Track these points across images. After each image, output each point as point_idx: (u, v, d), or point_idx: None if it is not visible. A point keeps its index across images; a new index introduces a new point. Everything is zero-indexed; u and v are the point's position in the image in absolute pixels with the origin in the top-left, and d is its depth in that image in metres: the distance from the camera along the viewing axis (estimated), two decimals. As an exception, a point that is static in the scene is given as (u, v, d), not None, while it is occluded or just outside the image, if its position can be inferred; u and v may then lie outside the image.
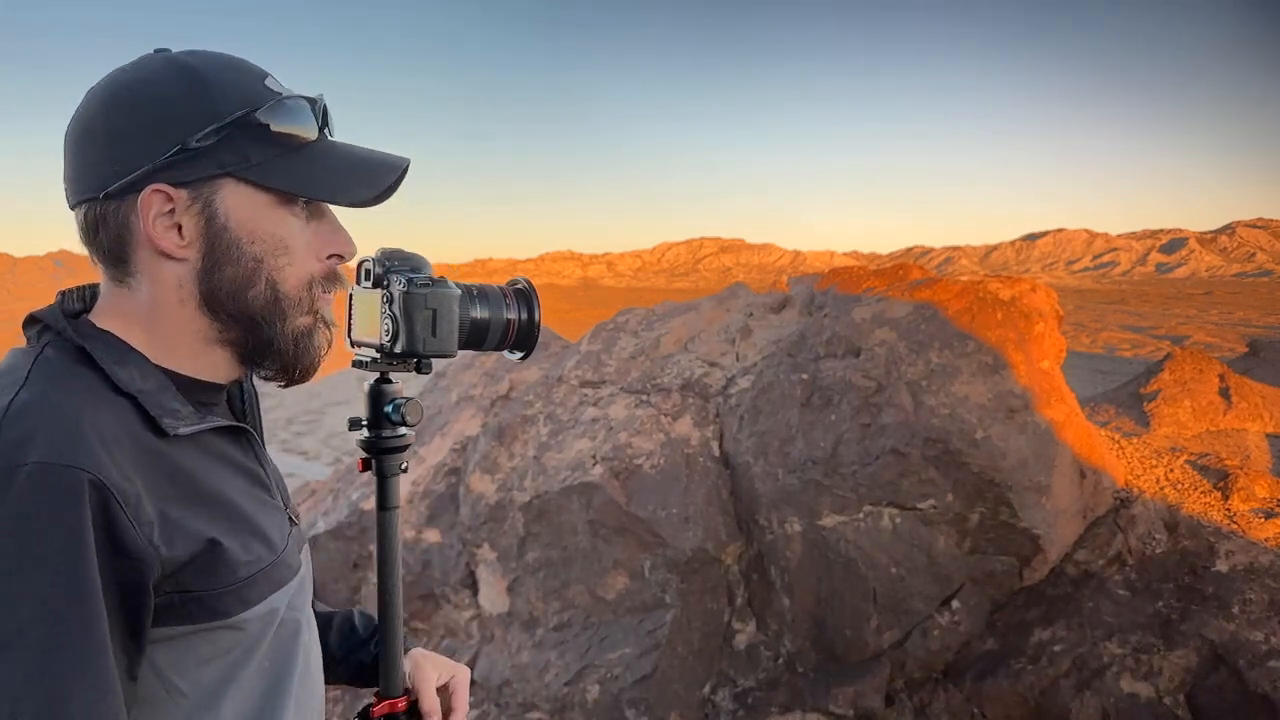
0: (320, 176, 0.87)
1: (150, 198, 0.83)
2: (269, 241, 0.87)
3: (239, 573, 0.81)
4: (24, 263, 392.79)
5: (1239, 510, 4.68)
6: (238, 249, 0.85)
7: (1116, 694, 3.82)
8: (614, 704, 4.32)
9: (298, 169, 0.86)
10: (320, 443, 31.36)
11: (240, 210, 0.85)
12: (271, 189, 0.86)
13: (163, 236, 0.84)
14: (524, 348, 1.07)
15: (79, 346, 0.82)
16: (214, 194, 0.84)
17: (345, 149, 0.91)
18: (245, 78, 0.86)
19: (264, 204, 0.86)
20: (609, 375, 5.90)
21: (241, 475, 0.89)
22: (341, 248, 0.93)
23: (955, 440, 4.34)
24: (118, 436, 0.76)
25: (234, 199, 0.85)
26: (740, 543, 4.86)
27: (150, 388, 0.82)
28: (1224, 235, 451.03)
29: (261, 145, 0.85)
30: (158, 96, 0.83)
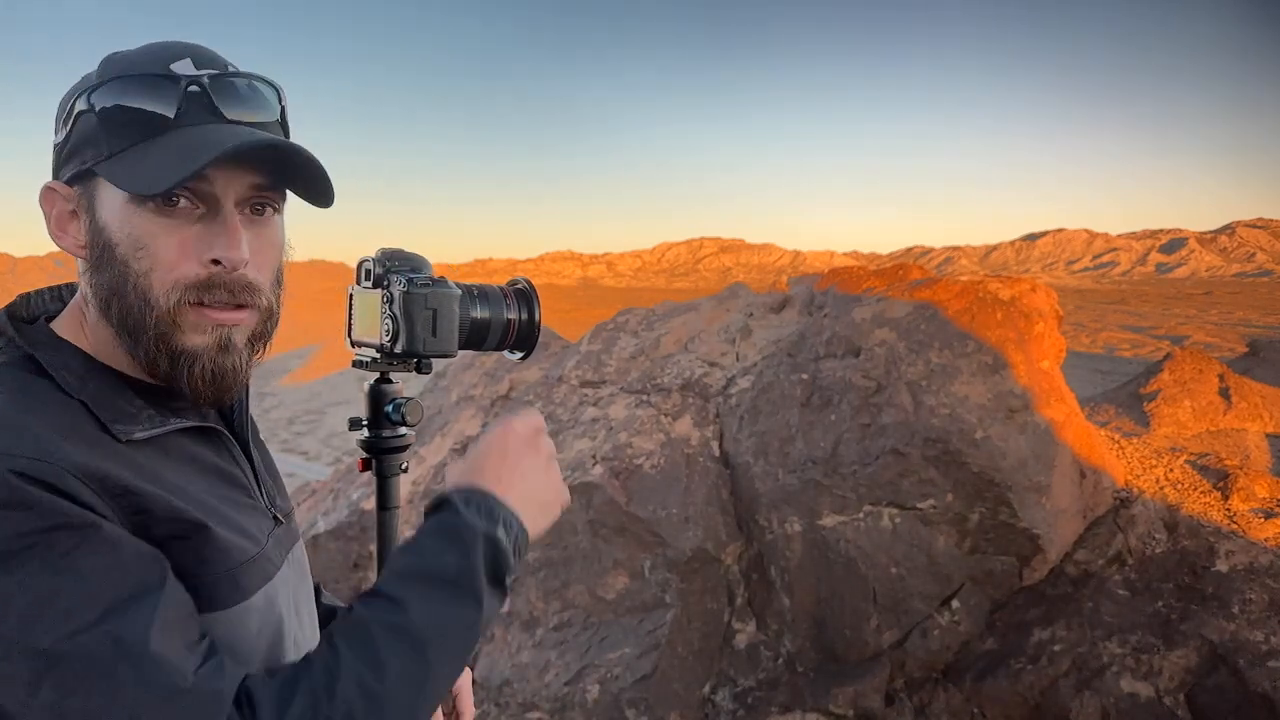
0: (150, 167, 0.75)
1: (46, 195, 0.81)
2: (128, 244, 0.78)
3: (235, 557, 0.79)
4: (24, 263, 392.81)
5: (1239, 510, 4.68)
6: (109, 251, 0.78)
7: (1116, 694, 3.82)
8: (614, 704, 4.33)
9: (139, 160, 0.76)
10: (320, 443, 31.41)
11: (108, 209, 0.78)
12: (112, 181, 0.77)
13: (63, 235, 0.81)
14: (524, 348, 1.07)
15: (28, 355, 0.79)
16: (94, 190, 0.79)
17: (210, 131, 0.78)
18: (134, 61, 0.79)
19: (123, 200, 0.77)
20: (609, 375, 5.90)
21: (214, 477, 0.85)
22: (221, 250, 0.78)
23: (955, 440, 4.34)
24: (79, 436, 0.73)
25: (104, 194, 0.78)
26: (740, 543, 4.86)
27: (101, 392, 0.78)
28: (1224, 235, 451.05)
29: (116, 133, 0.77)
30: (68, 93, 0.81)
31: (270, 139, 0.79)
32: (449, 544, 0.77)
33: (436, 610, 0.74)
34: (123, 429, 0.76)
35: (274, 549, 0.89)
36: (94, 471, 0.70)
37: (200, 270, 0.79)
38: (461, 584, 0.76)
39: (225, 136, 0.77)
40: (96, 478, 0.70)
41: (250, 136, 0.78)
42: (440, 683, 0.74)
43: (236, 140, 0.76)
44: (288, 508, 0.99)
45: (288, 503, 1.00)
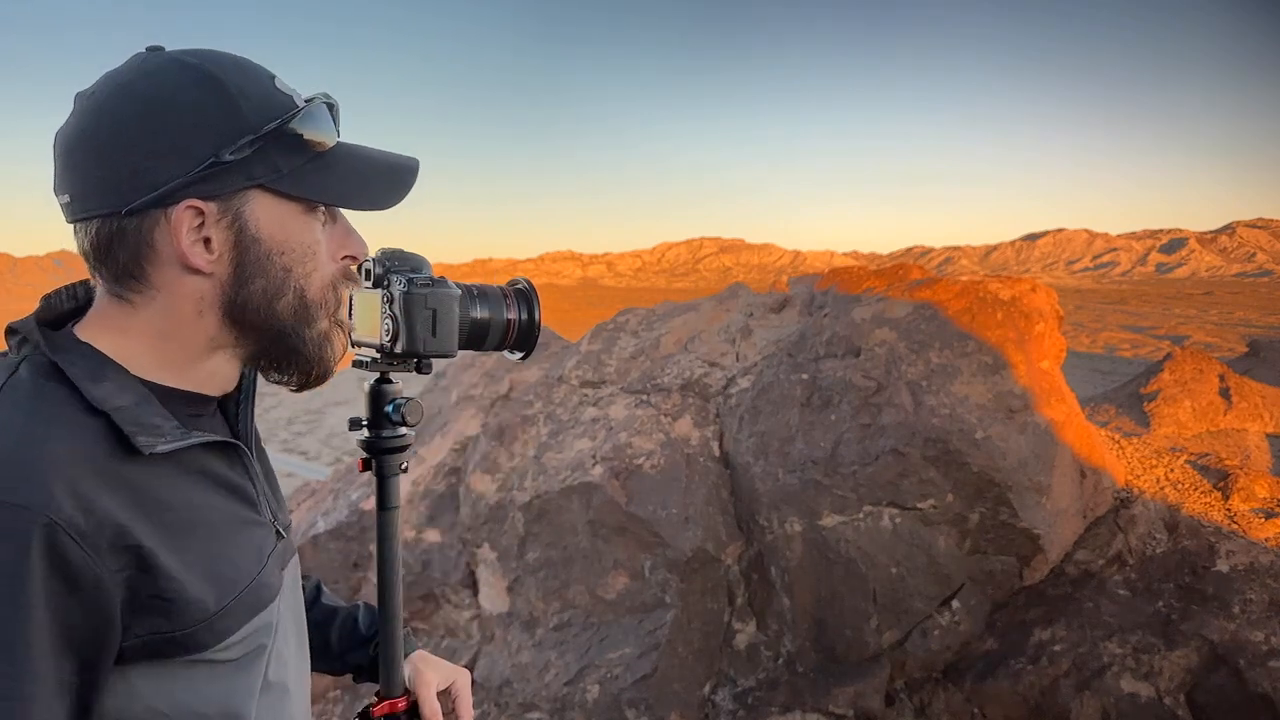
0: (346, 182, 0.88)
1: (184, 214, 0.80)
2: (298, 250, 0.87)
3: (209, 608, 0.79)
4: (24, 263, 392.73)
5: (1239, 510, 4.68)
6: (268, 260, 0.85)
7: (1116, 694, 3.82)
8: (614, 704, 4.32)
9: (323, 176, 0.86)
10: (320, 443, 31.41)
11: (270, 221, 0.85)
12: (300, 198, 0.86)
13: (194, 252, 0.81)
14: (524, 348, 1.07)
15: (53, 362, 0.79)
16: (243, 205, 0.83)
17: (362, 152, 0.91)
18: (262, 83, 0.85)
19: (292, 213, 0.86)
20: (609, 375, 5.90)
21: (224, 492, 0.87)
22: (355, 249, 0.94)
23: (955, 440, 4.34)
24: (84, 463, 0.73)
25: (264, 210, 0.84)
26: (740, 543, 4.86)
27: (127, 403, 0.78)
28: (1224, 235, 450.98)
29: (290, 154, 0.84)
30: (182, 108, 0.80)
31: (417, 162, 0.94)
32: None
33: None
34: (146, 441, 0.76)
35: (273, 567, 0.90)
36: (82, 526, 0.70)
37: (338, 266, 0.93)
38: None
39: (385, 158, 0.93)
40: (84, 532, 0.70)
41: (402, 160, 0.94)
42: None
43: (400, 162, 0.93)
44: (287, 520, 0.99)
45: (286, 514, 1.00)
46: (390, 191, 0.90)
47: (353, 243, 0.94)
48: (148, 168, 0.79)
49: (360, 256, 0.95)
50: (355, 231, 0.95)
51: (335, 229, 0.92)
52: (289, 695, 0.93)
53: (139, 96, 0.80)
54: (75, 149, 0.81)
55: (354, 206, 0.89)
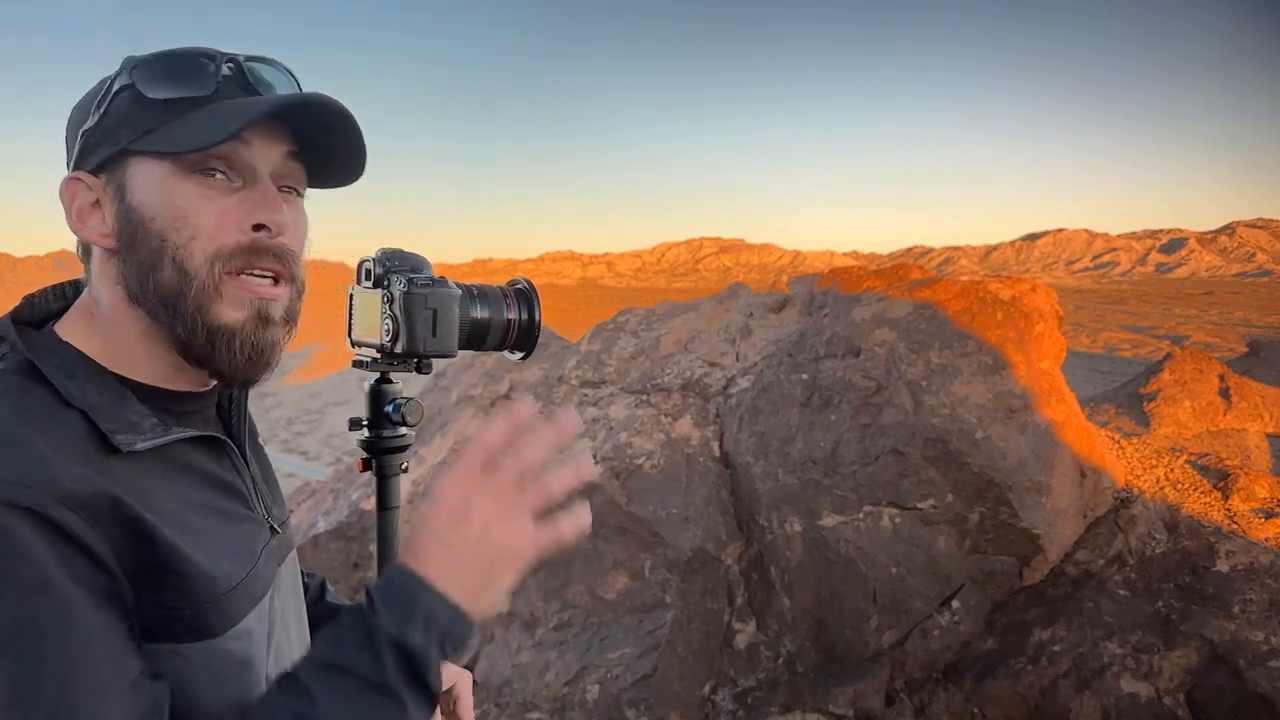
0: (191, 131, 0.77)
1: (68, 186, 0.81)
2: (167, 215, 0.79)
3: (216, 588, 0.78)
4: (24, 263, 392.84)
5: (1239, 510, 4.68)
6: (144, 228, 0.79)
7: (1116, 694, 3.82)
8: (614, 704, 4.32)
9: (180, 129, 0.78)
10: (320, 443, 31.40)
11: (144, 186, 0.79)
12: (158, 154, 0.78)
13: (86, 226, 0.81)
14: (524, 348, 1.07)
15: (30, 361, 0.77)
16: (124, 173, 0.80)
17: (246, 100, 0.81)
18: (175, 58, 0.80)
19: (162, 174, 0.79)
20: (609, 375, 5.90)
21: (212, 488, 0.85)
22: (263, 214, 0.81)
23: (955, 440, 4.34)
24: (72, 454, 0.72)
25: (139, 175, 0.79)
26: (740, 543, 4.86)
27: (104, 401, 0.76)
28: (1224, 235, 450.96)
29: (149, 111, 0.78)
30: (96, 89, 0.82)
31: (310, 93, 0.82)
32: (364, 640, 0.72)
33: (346, 707, 0.70)
34: (124, 439, 0.75)
35: (266, 563, 0.89)
36: (82, 496, 0.69)
37: (242, 237, 0.80)
38: (375, 683, 0.71)
39: (261, 100, 0.80)
40: (84, 502, 0.69)
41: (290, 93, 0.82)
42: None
43: (277, 98, 0.80)
44: (284, 516, 0.98)
45: (284, 510, 0.99)
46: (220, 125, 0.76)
47: (263, 207, 0.81)
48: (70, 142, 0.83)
49: (271, 225, 0.82)
50: (272, 196, 0.82)
51: (250, 194, 0.81)
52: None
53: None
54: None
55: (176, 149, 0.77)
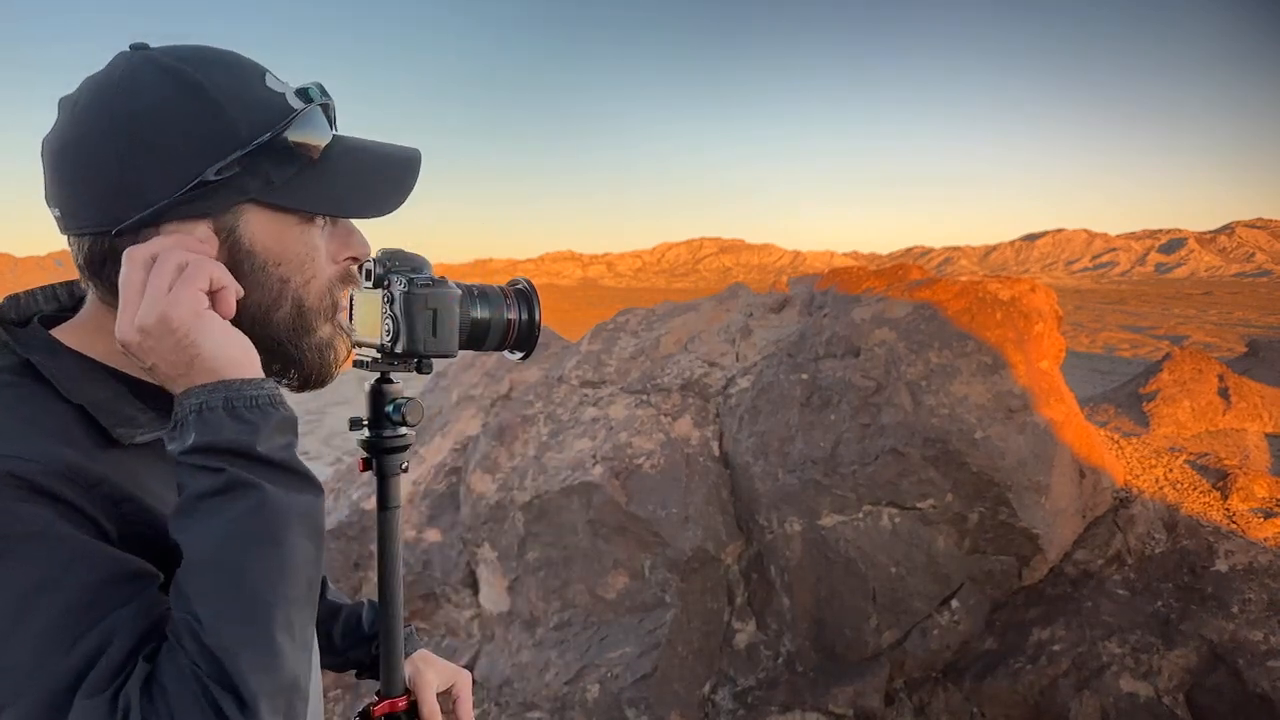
0: (343, 188, 0.84)
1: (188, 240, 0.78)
2: (294, 261, 0.84)
3: None
4: (25, 263, 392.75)
5: (1238, 510, 4.69)
6: (264, 273, 0.82)
7: (1116, 693, 3.82)
8: (614, 703, 4.33)
9: (319, 183, 0.82)
10: (321, 443, 31.34)
11: (265, 234, 0.82)
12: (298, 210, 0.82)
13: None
14: (524, 348, 1.07)
15: (25, 359, 0.77)
16: (236, 221, 0.80)
17: (359, 150, 0.87)
18: (250, 86, 0.80)
19: (288, 223, 0.83)
20: (609, 375, 5.90)
21: None
22: (358, 250, 0.92)
23: (955, 440, 4.34)
24: (71, 442, 0.72)
25: (258, 223, 0.81)
26: (740, 542, 4.86)
27: (102, 397, 0.77)
28: (1223, 235, 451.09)
29: (282, 164, 0.80)
30: (165, 121, 0.76)
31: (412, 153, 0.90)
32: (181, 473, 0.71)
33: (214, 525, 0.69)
34: (124, 432, 0.76)
35: None
36: (89, 474, 0.70)
37: (337, 270, 0.90)
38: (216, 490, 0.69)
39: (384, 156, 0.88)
40: (91, 481, 0.70)
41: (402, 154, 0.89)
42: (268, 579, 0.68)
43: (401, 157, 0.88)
44: None
45: None
46: (392, 194, 0.86)
47: (355, 243, 0.91)
48: (134, 186, 0.75)
49: (363, 257, 0.92)
50: (358, 231, 0.92)
51: (337, 230, 0.90)
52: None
53: (122, 108, 0.76)
54: (62, 162, 0.78)
55: (353, 215, 0.86)
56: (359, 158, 0.87)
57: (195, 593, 0.67)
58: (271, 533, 0.69)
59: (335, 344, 0.92)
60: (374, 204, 0.86)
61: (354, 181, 0.85)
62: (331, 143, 0.84)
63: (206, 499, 0.69)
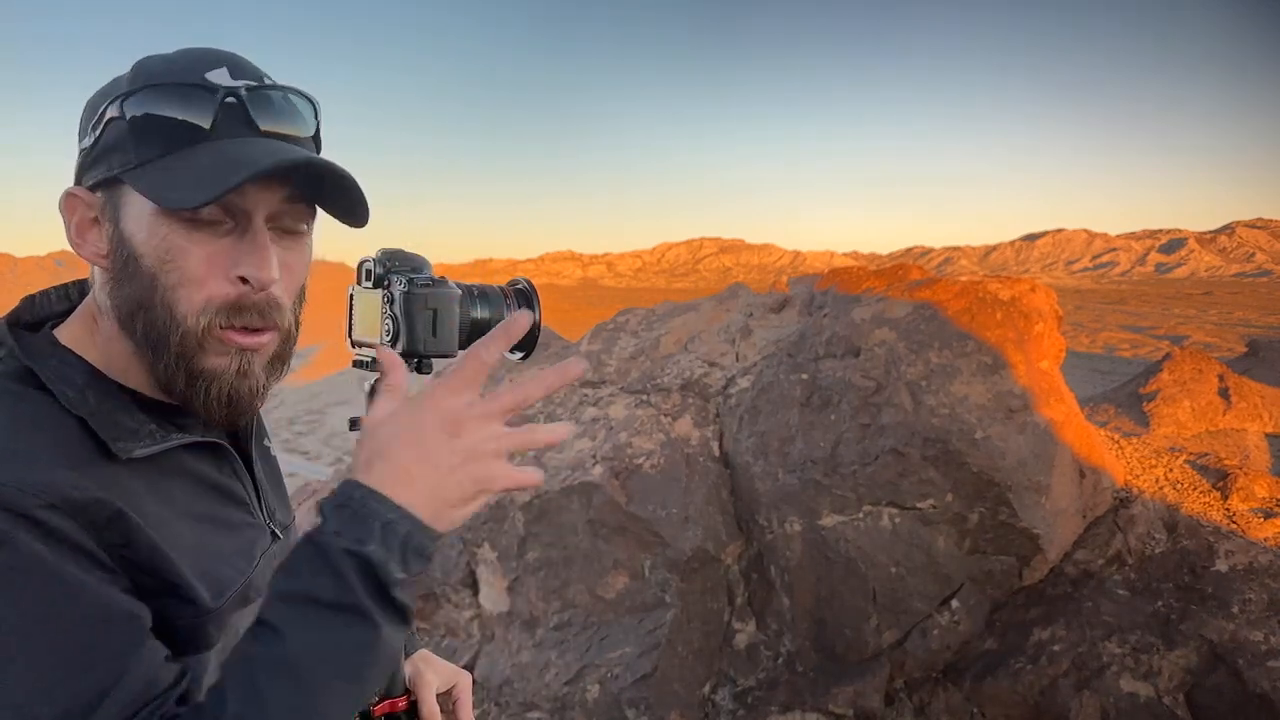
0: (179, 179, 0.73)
1: (67, 201, 0.78)
2: (155, 256, 0.75)
3: (208, 603, 0.77)
4: (25, 263, 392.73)
5: (1238, 510, 4.69)
6: (135, 262, 0.76)
7: (1116, 693, 3.82)
8: (614, 703, 4.33)
9: (171, 170, 0.74)
10: (321, 443, 31.39)
11: (134, 216, 0.76)
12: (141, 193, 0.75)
13: (85, 243, 0.78)
14: (524, 348, 1.07)
15: (28, 367, 0.75)
16: (120, 198, 0.76)
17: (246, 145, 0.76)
18: (169, 67, 0.76)
19: (151, 209, 0.75)
20: (609, 375, 5.90)
21: (211, 494, 0.84)
22: (247, 268, 0.76)
23: (955, 440, 4.34)
24: (68, 461, 0.71)
25: (131, 204, 0.75)
26: (740, 542, 4.86)
27: (102, 408, 0.75)
28: (1223, 235, 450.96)
29: (147, 142, 0.74)
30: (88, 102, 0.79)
31: (305, 156, 0.77)
32: (320, 562, 0.67)
33: (317, 636, 0.66)
34: (123, 446, 0.74)
35: (265, 569, 0.88)
36: (79, 502, 0.68)
37: (229, 289, 0.77)
38: (342, 605, 0.66)
39: (259, 153, 0.75)
40: (82, 508, 0.68)
41: (285, 154, 0.76)
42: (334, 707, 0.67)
43: (272, 158, 0.74)
44: (288, 520, 0.98)
45: (288, 514, 0.99)
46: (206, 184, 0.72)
47: (249, 260, 0.76)
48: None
49: (255, 281, 0.77)
50: (264, 250, 0.77)
51: (242, 241, 0.77)
52: None
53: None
54: None
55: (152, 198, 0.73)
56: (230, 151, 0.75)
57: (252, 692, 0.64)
58: (360, 672, 0.67)
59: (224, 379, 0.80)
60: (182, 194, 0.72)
61: (192, 172, 0.73)
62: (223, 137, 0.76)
63: (322, 608, 0.66)
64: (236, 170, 0.72)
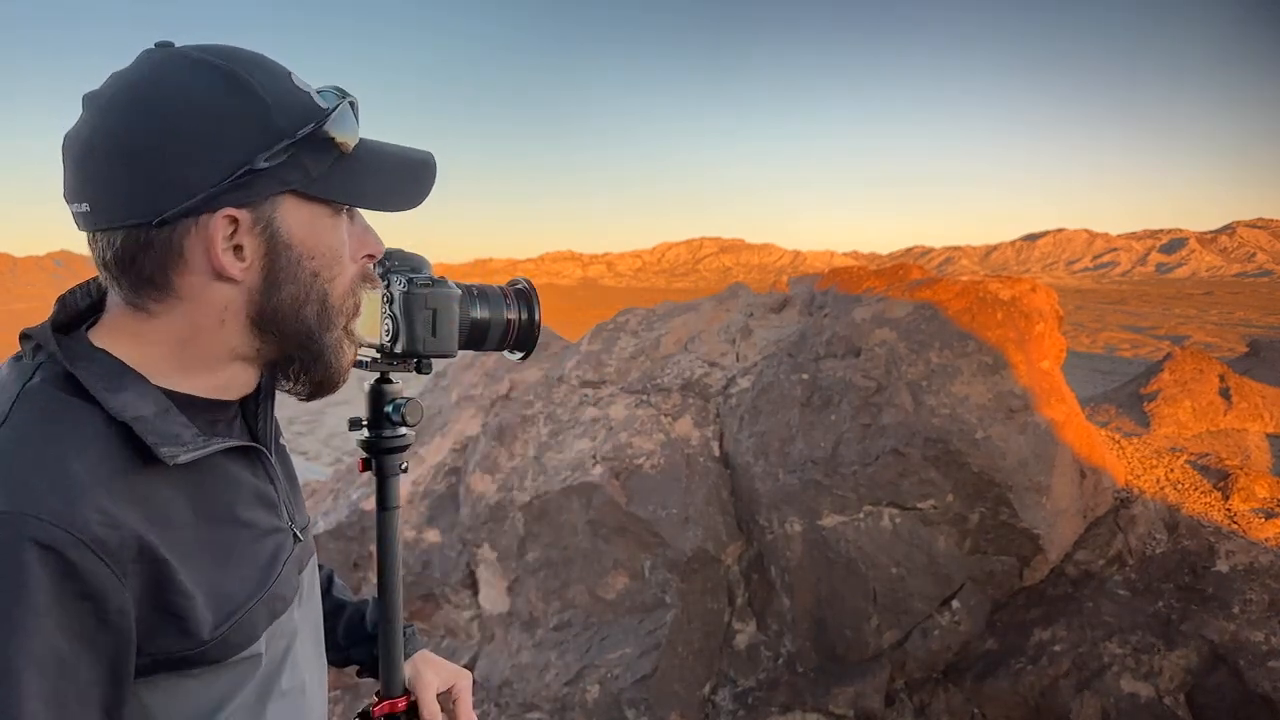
0: (374, 183, 0.86)
1: (220, 223, 0.77)
2: (326, 254, 0.85)
3: (220, 626, 0.78)
4: (24, 263, 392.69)
5: (1239, 510, 4.68)
6: (299, 266, 0.83)
7: (1116, 694, 3.82)
8: (614, 704, 4.32)
9: (352, 177, 0.84)
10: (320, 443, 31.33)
11: (301, 225, 0.83)
12: (329, 201, 0.84)
13: (228, 261, 0.79)
14: (524, 348, 1.07)
15: (69, 372, 0.76)
16: (274, 211, 0.80)
17: (383, 150, 0.89)
18: (281, 82, 0.81)
19: (320, 215, 0.84)
20: (609, 375, 5.90)
21: (246, 498, 0.86)
22: (374, 247, 0.92)
23: (955, 440, 4.34)
24: (107, 476, 0.72)
25: (295, 214, 0.82)
26: (740, 543, 4.86)
27: (147, 413, 0.76)
28: (1224, 235, 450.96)
29: (319, 157, 0.81)
30: (210, 112, 0.76)
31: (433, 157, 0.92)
32: None
33: None
34: (168, 452, 0.75)
35: (289, 575, 0.89)
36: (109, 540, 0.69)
37: (356, 267, 0.90)
38: None
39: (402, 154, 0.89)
40: (110, 546, 0.69)
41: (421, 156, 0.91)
42: None
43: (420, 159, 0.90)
44: (305, 521, 0.98)
45: (305, 515, 0.99)
46: (416, 190, 0.89)
47: (371, 240, 0.92)
48: (178, 176, 0.75)
49: (378, 255, 0.93)
50: (373, 230, 0.92)
51: (354, 228, 0.90)
52: (305, 697, 0.93)
53: (160, 100, 0.75)
54: (93, 156, 0.76)
55: (386, 208, 0.87)
56: (384, 156, 0.88)
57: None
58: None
59: (344, 346, 0.91)
60: (400, 199, 0.88)
61: (381, 177, 0.87)
62: (359, 140, 0.86)
63: None
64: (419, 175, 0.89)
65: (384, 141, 0.90)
